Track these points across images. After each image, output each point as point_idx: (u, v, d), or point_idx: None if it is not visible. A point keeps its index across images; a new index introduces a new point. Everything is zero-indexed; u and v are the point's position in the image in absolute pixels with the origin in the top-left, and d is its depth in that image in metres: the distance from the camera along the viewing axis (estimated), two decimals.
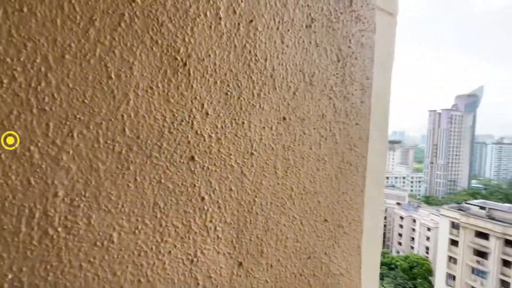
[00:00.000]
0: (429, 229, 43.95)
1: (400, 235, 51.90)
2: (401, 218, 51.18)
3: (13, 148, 0.37)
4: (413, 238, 49.55)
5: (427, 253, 44.10)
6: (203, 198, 0.52)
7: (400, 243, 51.93)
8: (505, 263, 27.75)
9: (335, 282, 0.73)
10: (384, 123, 0.96)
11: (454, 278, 32.11)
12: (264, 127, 0.59)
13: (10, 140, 0.36)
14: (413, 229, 49.08)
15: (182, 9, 0.48)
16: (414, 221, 48.59)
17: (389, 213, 54.49)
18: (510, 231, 27.01)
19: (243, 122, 0.56)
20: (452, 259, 32.51)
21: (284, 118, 0.62)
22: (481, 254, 29.65)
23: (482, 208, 30.80)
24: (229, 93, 0.54)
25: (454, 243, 32.20)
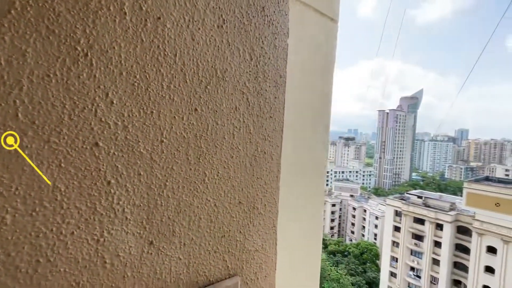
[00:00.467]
0: (377, 218, 48.64)
1: (353, 224, 56.45)
2: (354, 209, 55.68)
3: None
4: (364, 227, 54.32)
5: (375, 239, 48.81)
6: (109, 182, 0.56)
7: (353, 232, 56.49)
8: (436, 243, 32.18)
9: (250, 257, 0.82)
10: (326, 120, 1.07)
11: (396, 260, 36.21)
12: (174, 117, 0.64)
13: None
14: (364, 219, 53.82)
15: (82, 1, 0.50)
16: (365, 211, 53.29)
17: (344, 204, 58.79)
18: (440, 216, 31.32)
19: (152, 112, 0.60)
20: (395, 243, 36.60)
21: (196, 109, 0.67)
22: (418, 238, 33.92)
23: (419, 197, 35.17)
24: (136, 84, 0.58)
25: (397, 229, 36.26)
